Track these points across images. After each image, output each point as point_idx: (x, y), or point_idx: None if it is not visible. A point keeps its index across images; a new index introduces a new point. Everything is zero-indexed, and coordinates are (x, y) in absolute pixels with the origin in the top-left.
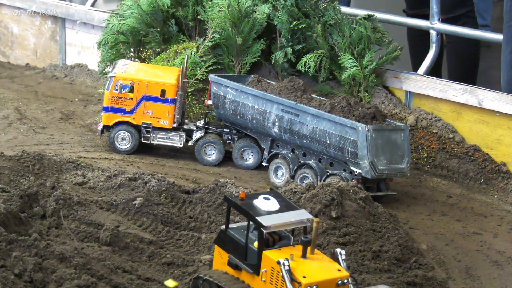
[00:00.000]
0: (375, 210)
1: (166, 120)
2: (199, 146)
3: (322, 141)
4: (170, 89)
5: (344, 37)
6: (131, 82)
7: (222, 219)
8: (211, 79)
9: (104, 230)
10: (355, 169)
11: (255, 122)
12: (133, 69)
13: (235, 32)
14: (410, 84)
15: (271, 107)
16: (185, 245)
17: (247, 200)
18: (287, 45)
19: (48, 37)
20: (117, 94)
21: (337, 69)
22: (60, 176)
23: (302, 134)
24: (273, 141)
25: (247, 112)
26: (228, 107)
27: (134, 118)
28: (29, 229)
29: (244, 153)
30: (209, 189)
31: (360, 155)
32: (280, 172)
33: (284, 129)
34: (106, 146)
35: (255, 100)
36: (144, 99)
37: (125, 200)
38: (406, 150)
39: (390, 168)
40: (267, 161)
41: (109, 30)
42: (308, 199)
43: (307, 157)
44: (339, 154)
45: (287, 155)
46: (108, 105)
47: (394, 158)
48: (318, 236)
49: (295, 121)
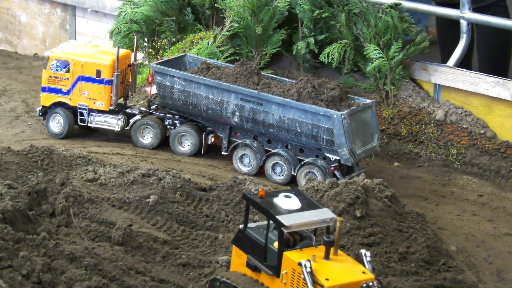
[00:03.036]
0: (402, 209)
1: (102, 102)
2: (136, 127)
3: (292, 130)
4: (106, 69)
5: (369, 27)
6: (66, 61)
7: (241, 218)
8: (153, 68)
9: (116, 229)
10: (331, 156)
11: (210, 112)
12: (72, 48)
13: (255, 21)
14: (439, 76)
15: (229, 96)
16: (202, 245)
17: (267, 198)
18: (309, 35)
19: (58, 26)
20: (53, 73)
21: (362, 60)
22: (70, 172)
23: (268, 123)
24: (231, 129)
25: (200, 102)
26: (177, 98)
27: (70, 99)
28: (37, 228)
29: (182, 139)
30: (227, 187)
31: (338, 143)
32: (247, 160)
33: (246, 118)
34: (118, 140)
35: (209, 90)
36: (80, 79)
37: (138, 197)
38: (375, 127)
39: (365, 149)
40: (226, 150)
41: (121, 19)
42: (331, 197)
43: (272, 144)
44: (312, 142)
45: (252, 144)
46: (46, 85)
47: (367, 138)
48: (342, 236)
49: (258, 110)
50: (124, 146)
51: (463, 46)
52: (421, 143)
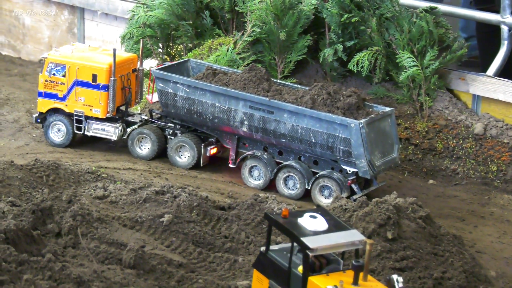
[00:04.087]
0: (437, 231)
1: (98, 109)
2: (133, 136)
3: (306, 140)
4: (102, 73)
5: (402, 33)
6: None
7: (262, 240)
8: (154, 74)
9: (128, 250)
10: (348, 168)
11: (217, 121)
12: (70, 51)
13: (278, 25)
14: (478, 86)
15: (237, 104)
16: (220, 269)
17: (291, 218)
18: (337, 41)
19: (65, 30)
20: (49, 77)
21: (394, 69)
22: (78, 188)
23: (280, 133)
24: (239, 139)
25: (205, 110)
26: (181, 106)
27: (67, 105)
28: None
29: (180, 150)
30: (247, 205)
31: (356, 154)
32: (257, 173)
33: (255, 128)
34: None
35: (215, 97)
36: (76, 84)
37: (152, 216)
38: (394, 136)
39: (385, 161)
40: (234, 162)
41: (134, 23)
42: (361, 217)
43: (284, 155)
44: (327, 153)
45: (262, 156)
46: (42, 90)
47: (386, 148)
48: (372, 260)
49: (269, 118)
50: (136, 160)
51: (504, 54)
52: (458, 159)
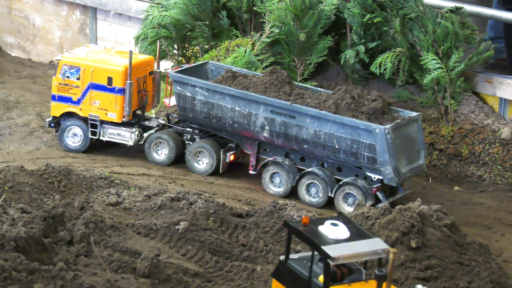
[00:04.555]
0: (463, 240)
1: (114, 113)
2: (150, 142)
3: (329, 146)
4: (118, 76)
5: (427, 34)
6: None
7: (281, 248)
8: (172, 77)
9: (142, 259)
10: (373, 175)
11: (236, 126)
12: (85, 53)
13: (298, 26)
14: (505, 90)
15: (257, 108)
16: (237, 278)
17: (311, 226)
18: (359, 42)
19: (76, 30)
20: (63, 80)
21: (418, 71)
22: (90, 194)
23: (302, 139)
24: (259, 145)
25: (225, 115)
26: (200, 110)
27: (81, 109)
28: (53, 257)
29: (199, 156)
30: (266, 212)
31: (381, 161)
32: (278, 180)
33: (276, 133)
34: (144, 159)
35: (235, 101)
36: (91, 87)
37: (167, 224)
38: (421, 142)
39: (411, 168)
40: (255, 168)
41: (148, 23)
42: (383, 225)
43: (306, 162)
44: (351, 160)
45: (284, 162)
46: (56, 94)
47: (413, 155)
48: (395, 270)
49: (291, 123)
50: (150, 166)
51: None
52: (485, 165)
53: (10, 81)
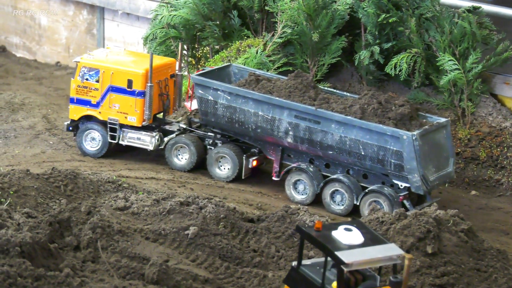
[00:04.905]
0: (480, 245)
1: (134, 117)
2: (169, 147)
3: (355, 152)
4: (138, 79)
5: (443, 34)
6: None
7: (293, 254)
8: (194, 80)
9: (151, 265)
10: (400, 183)
11: (259, 131)
12: (104, 55)
13: (311, 26)
14: None
15: (281, 113)
16: (248, 285)
17: (324, 231)
18: (373, 42)
19: (84, 30)
20: (82, 83)
21: (434, 72)
22: (98, 199)
23: (327, 145)
24: (283, 150)
25: (248, 119)
26: (222, 114)
27: (100, 113)
28: (59, 263)
29: (220, 161)
30: (278, 217)
31: (408, 168)
32: (302, 187)
33: (301, 138)
34: (153, 162)
35: (258, 105)
36: (110, 90)
37: (176, 229)
38: (450, 149)
39: (439, 176)
40: (278, 174)
41: (157, 23)
42: (399, 230)
43: (331, 168)
44: (377, 167)
45: (308, 168)
46: (74, 96)
47: (441, 162)
48: (410, 276)
49: (316, 129)
50: (159, 169)
51: None
52: (503, 169)
53: (15, 83)
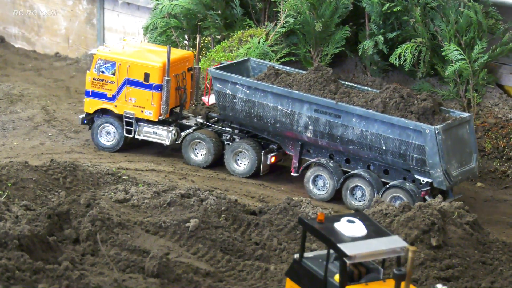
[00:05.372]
0: (485, 238)
1: (150, 111)
2: (186, 142)
3: (376, 147)
4: (155, 72)
5: (449, 23)
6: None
7: (296, 247)
8: (212, 74)
9: (151, 258)
10: (422, 178)
11: (278, 125)
12: (121, 47)
13: (314, 16)
14: None
15: (301, 107)
16: (250, 278)
17: (327, 224)
18: (378, 32)
19: (83, 20)
20: (98, 75)
21: (439, 62)
22: (97, 191)
23: (347, 139)
24: (302, 145)
25: (267, 114)
26: (240, 109)
27: (116, 106)
28: (58, 256)
29: (238, 157)
30: (280, 209)
31: (431, 163)
32: (321, 182)
33: (321, 133)
34: (153, 154)
35: (277, 99)
36: (127, 83)
37: (177, 221)
38: (473, 145)
39: (462, 171)
40: (297, 170)
41: (158, 13)
42: (403, 223)
43: (351, 164)
44: (399, 162)
45: (328, 164)
46: (90, 89)
47: (464, 157)
48: (415, 269)
49: (336, 123)
50: (160, 161)
51: None
52: (509, 160)
53: (14, 74)
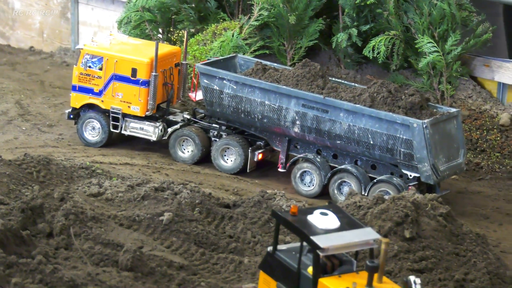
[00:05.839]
0: (459, 230)
1: (137, 106)
2: (174, 138)
3: (363, 142)
4: (142, 68)
5: (422, 16)
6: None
7: (270, 239)
8: (199, 69)
9: (125, 252)
10: (409, 173)
11: (266, 121)
12: (108, 42)
13: (288, 9)
14: (504, 74)
15: (288, 102)
16: (224, 271)
17: (300, 216)
18: (351, 25)
19: (58, 14)
20: (84, 70)
21: (413, 55)
22: (71, 185)
23: (335, 134)
24: (289, 141)
25: (254, 109)
26: (227, 104)
27: (103, 101)
28: (32, 250)
29: (225, 153)
30: (254, 202)
31: (418, 157)
32: (308, 178)
33: (308, 128)
34: (128, 148)
35: (265, 94)
36: (114, 79)
37: (151, 215)
38: (460, 140)
39: (450, 166)
40: (284, 165)
41: (132, 6)
42: (376, 215)
43: (338, 159)
44: (387, 157)
45: (315, 159)
46: (76, 84)
47: (451, 152)
48: (388, 261)
49: (324, 118)
50: (134, 155)
51: None
52: (483, 152)
53: None
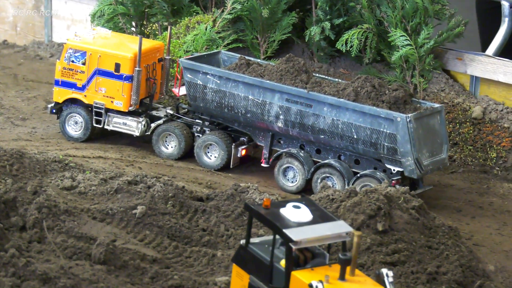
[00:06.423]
0: (431, 223)
1: (120, 101)
2: (157, 133)
3: (347, 136)
4: (126, 63)
5: (395, 9)
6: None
7: (243, 233)
8: (182, 64)
9: (97, 245)
10: (393, 168)
11: (249, 115)
12: (91, 37)
13: (261, 2)
14: (476, 67)
15: (272, 97)
16: (197, 264)
17: (273, 209)
18: (324, 18)
19: (31, 8)
20: (68, 65)
21: (386, 48)
22: (44, 178)
23: (318, 129)
24: (273, 136)
25: (237, 104)
26: (211, 99)
27: (86, 96)
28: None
29: (208, 149)
30: (227, 196)
31: (402, 152)
32: (291, 174)
33: (292, 123)
34: (101, 142)
35: (248, 89)
36: (97, 74)
37: (124, 208)
38: (444, 135)
39: (433, 161)
40: (267, 161)
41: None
42: (349, 208)
43: (322, 154)
44: (370, 151)
45: (298, 154)
46: (59, 78)
47: (435, 147)
48: (360, 254)
49: (307, 113)
50: (107, 148)
51: (504, 32)
52: (455, 145)
53: None
